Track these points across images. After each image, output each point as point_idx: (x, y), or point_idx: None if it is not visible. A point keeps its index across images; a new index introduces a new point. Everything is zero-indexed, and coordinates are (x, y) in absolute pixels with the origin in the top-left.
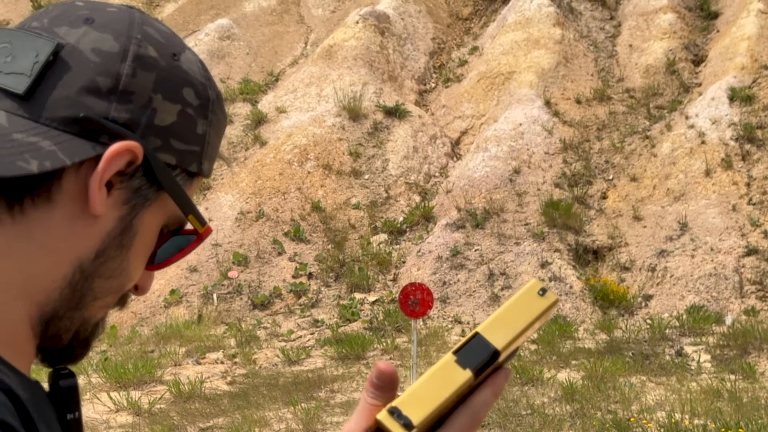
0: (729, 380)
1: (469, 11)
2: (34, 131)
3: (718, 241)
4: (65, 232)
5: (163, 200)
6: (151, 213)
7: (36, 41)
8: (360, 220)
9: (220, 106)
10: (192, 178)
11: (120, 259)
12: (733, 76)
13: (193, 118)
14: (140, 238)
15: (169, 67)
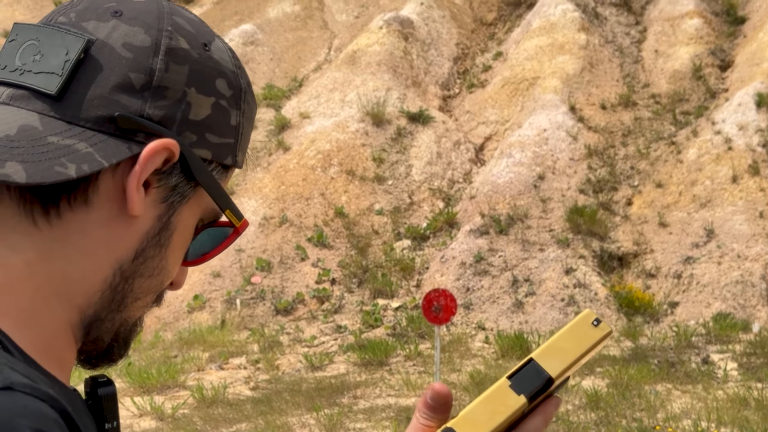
0: (756, 388)
1: (493, 16)
2: (68, 133)
3: (745, 248)
4: (103, 233)
5: (200, 195)
6: (189, 209)
7: (65, 38)
8: (383, 226)
9: (251, 95)
10: (227, 170)
11: (159, 258)
12: (760, 82)
13: (226, 109)
14: (178, 235)
15: (202, 58)
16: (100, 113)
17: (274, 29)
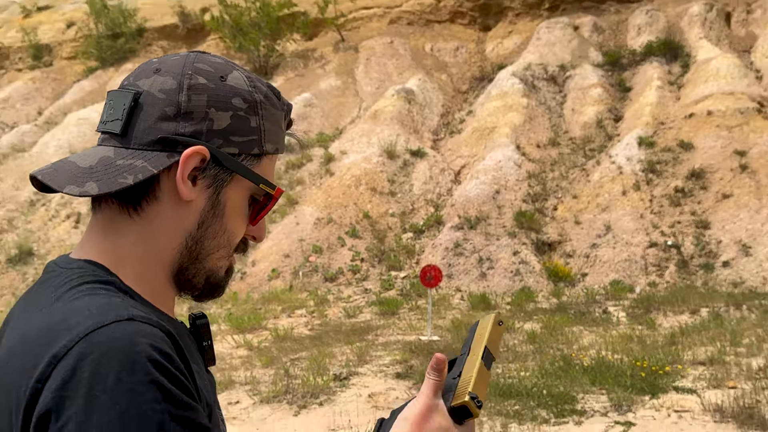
0: (637, 329)
1: (466, 87)
2: (131, 156)
3: (630, 238)
4: (172, 215)
5: (238, 179)
6: (232, 189)
7: (125, 95)
8: (394, 224)
9: (270, 104)
10: (261, 157)
11: (219, 224)
12: (640, 129)
13: (245, 117)
14: (230, 207)
15: (218, 87)
16: (150, 138)
17: (323, 96)
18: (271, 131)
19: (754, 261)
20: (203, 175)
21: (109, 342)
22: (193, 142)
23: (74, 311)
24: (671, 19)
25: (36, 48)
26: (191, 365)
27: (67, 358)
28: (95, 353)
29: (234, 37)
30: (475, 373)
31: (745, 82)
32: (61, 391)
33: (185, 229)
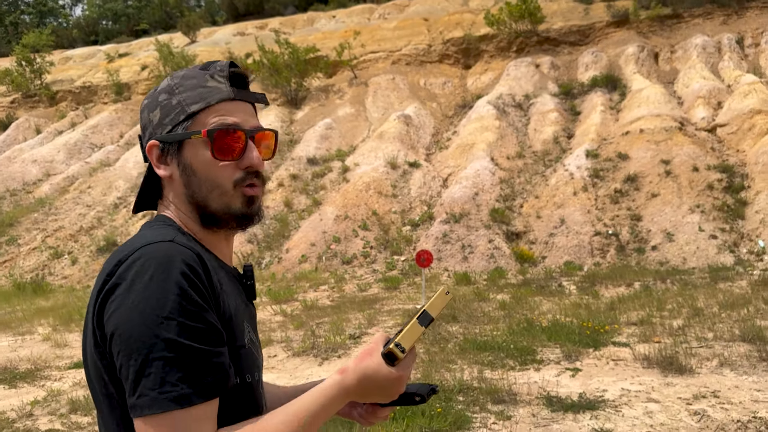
0: (584, 298)
1: (452, 113)
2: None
3: (580, 228)
4: (173, 188)
5: (186, 142)
6: (186, 151)
7: None
8: (396, 219)
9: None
10: (193, 116)
11: (197, 178)
12: (587, 144)
13: (167, 102)
14: (194, 162)
15: (152, 98)
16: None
17: (341, 121)
18: (191, 96)
19: (675, 245)
20: (164, 156)
21: (153, 252)
22: (148, 137)
23: (138, 237)
24: (611, 58)
25: (117, 86)
26: (214, 282)
27: (125, 261)
28: (142, 258)
29: (271, 75)
30: (406, 329)
31: (669, 106)
32: (116, 279)
33: (182, 192)
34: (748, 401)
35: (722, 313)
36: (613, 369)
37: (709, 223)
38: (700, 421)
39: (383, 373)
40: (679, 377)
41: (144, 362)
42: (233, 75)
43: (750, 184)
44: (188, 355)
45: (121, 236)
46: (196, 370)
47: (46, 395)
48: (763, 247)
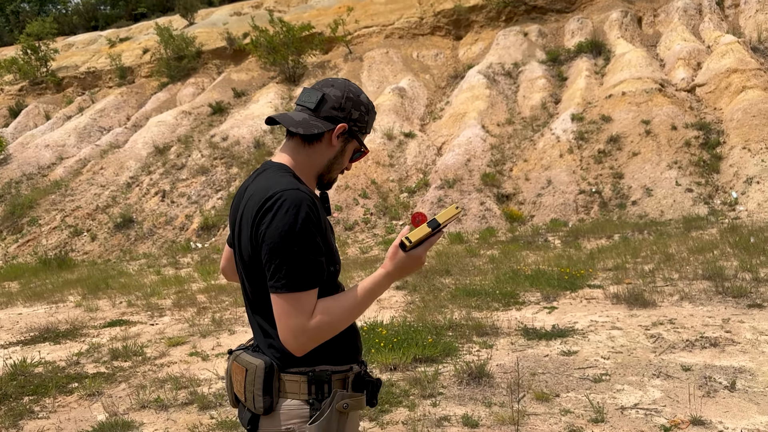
0: (568, 251)
1: (444, 83)
2: (317, 120)
3: (565, 188)
4: (324, 150)
5: (353, 141)
6: (350, 144)
7: (316, 93)
8: (394, 187)
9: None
10: (363, 134)
11: (340, 159)
12: (573, 108)
13: (363, 115)
14: (346, 152)
15: (356, 100)
16: (327, 115)
17: None
18: (370, 123)
19: (654, 200)
20: (342, 136)
21: (289, 195)
22: (343, 120)
23: (278, 180)
24: (596, 24)
25: (121, 70)
26: (320, 215)
27: (272, 197)
28: (283, 197)
29: (269, 54)
30: (417, 228)
31: (650, 69)
32: (267, 208)
33: (328, 157)
34: (699, 326)
35: (690, 257)
36: (586, 306)
37: (686, 177)
38: (655, 342)
39: (402, 258)
40: (642, 310)
41: (280, 262)
42: None
43: (725, 139)
44: (304, 261)
45: (136, 213)
46: (307, 271)
47: (89, 348)
48: (735, 198)
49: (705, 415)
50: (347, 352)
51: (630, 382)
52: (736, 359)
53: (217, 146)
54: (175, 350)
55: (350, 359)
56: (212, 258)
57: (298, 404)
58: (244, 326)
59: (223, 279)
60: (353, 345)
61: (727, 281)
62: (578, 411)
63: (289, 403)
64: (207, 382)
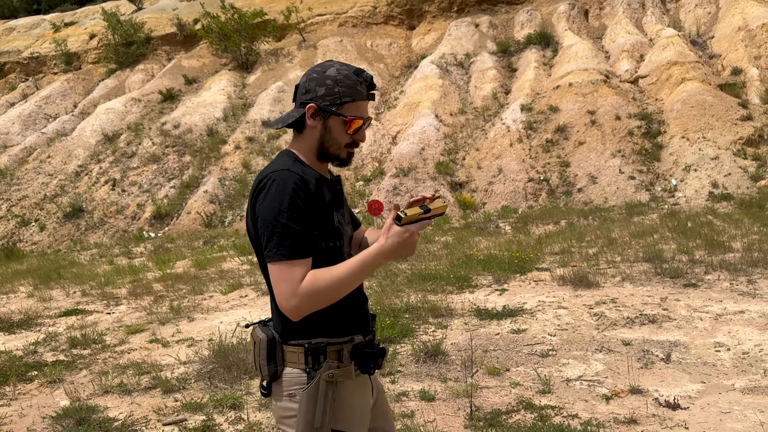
0: (518, 236)
1: (398, 73)
2: (294, 110)
3: (515, 176)
4: (312, 133)
5: (332, 117)
6: (331, 119)
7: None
8: (350, 176)
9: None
10: (343, 104)
11: (329, 136)
12: (522, 99)
13: (330, 88)
14: (332, 127)
15: (320, 76)
16: (300, 101)
17: (292, 84)
18: (346, 92)
19: (598, 187)
20: (316, 116)
21: (277, 176)
22: (309, 101)
23: (274, 163)
24: (545, 17)
25: (67, 56)
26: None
27: (265, 178)
28: (272, 177)
29: (221, 41)
30: (410, 209)
31: (596, 60)
32: (261, 188)
33: (317, 138)
34: (639, 304)
35: (632, 241)
36: (534, 288)
37: (629, 165)
38: (598, 320)
39: (396, 231)
40: (586, 290)
41: (270, 234)
42: (370, 84)
43: (666, 129)
44: (291, 232)
45: (86, 202)
46: (294, 241)
47: (45, 337)
48: (675, 185)
49: (642, 385)
50: (344, 324)
51: (574, 357)
52: (671, 334)
53: (168, 134)
54: (135, 338)
55: (349, 331)
56: (166, 247)
57: (298, 372)
58: (203, 313)
59: (180, 268)
60: (352, 318)
61: (665, 263)
62: (527, 384)
63: (290, 371)
64: (169, 368)
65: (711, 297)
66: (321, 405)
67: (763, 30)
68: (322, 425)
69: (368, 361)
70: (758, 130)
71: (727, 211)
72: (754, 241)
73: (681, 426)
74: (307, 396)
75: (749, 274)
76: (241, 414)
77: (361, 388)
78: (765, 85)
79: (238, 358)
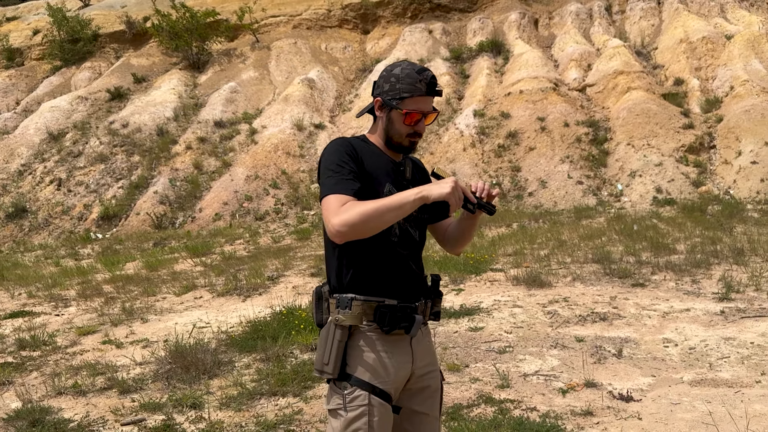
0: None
1: (353, 76)
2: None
3: (469, 180)
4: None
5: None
6: (394, 112)
7: None
8: (305, 178)
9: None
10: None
11: (392, 126)
12: (475, 104)
13: (394, 84)
14: (394, 119)
15: (387, 74)
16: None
17: (245, 84)
18: (405, 88)
19: (548, 191)
20: (382, 108)
21: (333, 140)
22: (377, 95)
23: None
24: (496, 25)
25: (9, 51)
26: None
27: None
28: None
29: (171, 39)
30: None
31: (545, 69)
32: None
33: (382, 126)
34: (590, 303)
35: (581, 243)
36: (490, 288)
37: (577, 171)
38: (552, 318)
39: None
40: (540, 290)
41: (321, 181)
42: (430, 82)
43: (612, 136)
44: (330, 174)
45: (30, 202)
46: (333, 181)
47: None
48: (620, 189)
49: (596, 379)
50: (375, 286)
51: (531, 353)
52: (622, 331)
53: (117, 133)
54: (87, 339)
55: (380, 293)
56: (115, 249)
57: (333, 319)
58: (157, 315)
59: (130, 269)
60: (384, 281)
61: (613, 264)
62: (486, 379)
63: (330, 318)
64: (125, 368)
65: (658, 296)
66: (329, 344)
67: (704, 43)
68: (329, 363)
69: (391, 321)
70: (699, 138)
71: (671, 215)
72: (696, 243)
73: (634, 417)
74: (321, 336)
75: (693, 275)
76: (201, 413)
77: (390, 345)
78: (705, 95)
79: (197, 358)
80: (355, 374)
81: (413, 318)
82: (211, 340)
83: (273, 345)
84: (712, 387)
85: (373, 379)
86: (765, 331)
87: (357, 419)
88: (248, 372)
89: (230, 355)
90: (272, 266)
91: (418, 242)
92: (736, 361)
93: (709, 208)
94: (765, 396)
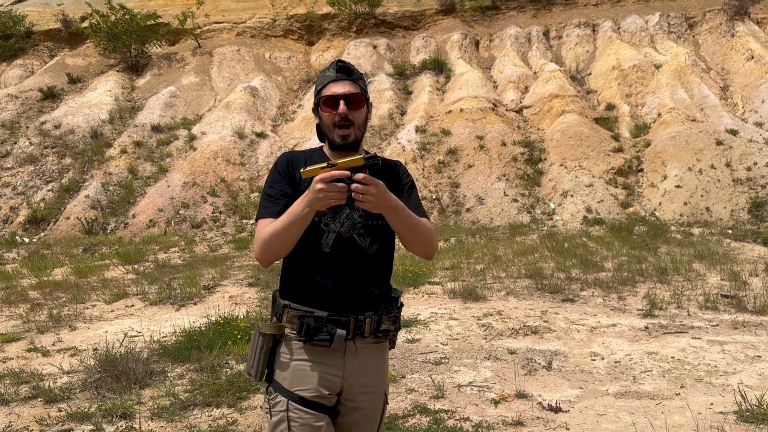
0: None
1: (297, 87)
2: None
3: None
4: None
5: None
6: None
7: None
8: (245, 186)
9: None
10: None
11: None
12: (417, 120)
13: (315, 88)
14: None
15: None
16: None
17: (185, 89)
18: (319, 83)
19: (485, 208)
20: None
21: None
22: None
23: None
24: (439, 44)
25: None
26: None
27: None
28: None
29: (109, 41)
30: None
31: (485, 89)
32: None
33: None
34: (522, 316)
35: (515, 259)
36: (427, 300)
37: (513, 189)
38: (486, 330)
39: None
40: (475, 303)
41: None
42: (339, 67)
43: (546, 157)
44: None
45: None
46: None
47: None
48: (553, 208)
49: (527, 390)
50: (304, 296)
51: (465, 364)
52: (552, 344)
53: (48, 134)
54: (10, 346)
55: (309, 303)
56: (42, 253)
57: (257, 326)
58: (86, 323)
59: (58, 275)
60: (314, 294)
61: (545, 279)
62: (422, 389)
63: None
64: (51, 377)
65: (586, 311)
66: (253, 350)
67: (634, 71)
68: (254, 367)
69: (308, 332)
70: (628, 162)
71: (600, 234)
72: (623, 262)
73: (562, 427)
74: (251, 341)
75: (619, 291)
76: (132, 423)
77: (316, 355)
78: (635, 120)
79: (128, 367)
80: (277, 379)
81: (332, 334)
82: (143, 350)
83: (208, 355)
84: (636, 399)
85: (293, 385)
86: (685, 346)
87: (278, 425)
88: (181, 382)
89: (163, 364)
90: (208, 275)
91: (369, 253)
92: (657, 375)
93: (636, 228)
94: (683, 408)
